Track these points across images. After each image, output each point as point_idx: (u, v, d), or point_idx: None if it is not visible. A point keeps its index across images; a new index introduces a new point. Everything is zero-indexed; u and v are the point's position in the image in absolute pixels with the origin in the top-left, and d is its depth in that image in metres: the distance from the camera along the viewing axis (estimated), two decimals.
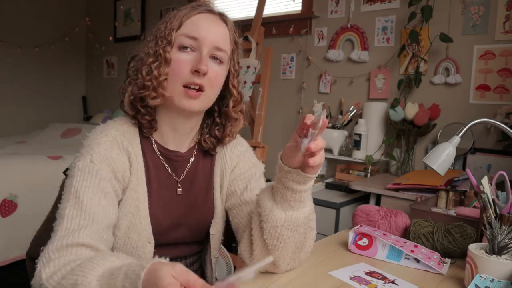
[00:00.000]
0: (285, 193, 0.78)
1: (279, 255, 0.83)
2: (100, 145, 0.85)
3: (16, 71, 4.06)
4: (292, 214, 0.80)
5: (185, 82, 0.86)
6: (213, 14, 0.91)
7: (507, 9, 2.12)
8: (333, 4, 2.74)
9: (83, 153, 0.85)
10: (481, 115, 2.09)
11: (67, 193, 0.81)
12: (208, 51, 0.87)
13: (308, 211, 0.83)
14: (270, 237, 0.81)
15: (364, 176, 2.40)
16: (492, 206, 0.97)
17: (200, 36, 0.86)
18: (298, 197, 0.79)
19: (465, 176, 1.88)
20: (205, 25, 0.88)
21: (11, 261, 2.39)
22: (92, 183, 0.81)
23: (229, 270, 1.57)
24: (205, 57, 0.86)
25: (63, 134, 3.58)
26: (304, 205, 0.81)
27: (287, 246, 0.82)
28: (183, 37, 0.86)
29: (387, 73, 2.51)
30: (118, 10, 4.21)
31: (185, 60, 0.86)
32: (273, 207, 0.80)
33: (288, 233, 0.81)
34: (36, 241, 1.05)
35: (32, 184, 2.48)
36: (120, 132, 0.89)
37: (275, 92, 2.93)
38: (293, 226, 0.80)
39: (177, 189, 0.95)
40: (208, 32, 0.87)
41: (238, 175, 0.99)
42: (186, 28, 0.87)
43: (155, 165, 0.93)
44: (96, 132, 0.88)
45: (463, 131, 1.18)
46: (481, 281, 0.80)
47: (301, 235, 0.83)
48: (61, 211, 0.79)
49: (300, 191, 0.78)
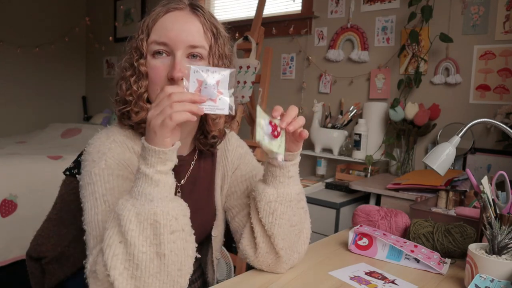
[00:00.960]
0: (272, 171, 0.83)
1: (277, 233, 0.84)
2: (112, 149, 0.83)
3: (16, 71, 4.06)
4: (283, 190, 0.84)
5: None
6: (181, 10, 0.85)
7: (507, 9, 2.12)
8: (333, 4, 2.74)
9: (95, 160, 0.82)
10: (481, 115, 2.09)
11: (91, 201, 0.79)
12: (183, 52, 0.82)
13: (299, 189, 0.87)
14: (265, 214, 0.84)
15: (364, 176, 2.40)
16: (492, 206, 0.97)
17: (170, 40, 0.81)
18: (285, 172, 0.83)
19: (465, 176, 1.88)
20: (174, 26, 0.82)
21: (11, 261, 2.39)
22: (116, 185, 0.80)
23: (229, 270, 1.57)
24: (180, 60, 0.81)
25: (63, 134, 3.58)
26: (294, 182, 0.85)
27: (283, 223, 0.84)
28: (154, 45, 0.82)
29: (387, 73, 2.51)
30: (118, 10, 4.21)
31: (161, 66, 0.82)
32: (265, 187, 0.85)
33: (282, 208, 0.84)
34: (36, 241, 1.05)
35: (32, 184, 2.48)
36: (126, 137, 0.87)
37: (275, 92, 2.93)
38: (286, 202, 0.84)
39: (176, 194, 0.92)
40: (179, 33, 0.82)
41: (239, 177, 1.00)
42: (155, 35, 0.83)
43: None
44: (102, 138, 0.86)
45: (463, 131, 1.18)
46: (481, 281, 0.80)
47: (295, 214, 0.86)
48: (91, 219, 0.77)
49: (286, 166, 0.83)
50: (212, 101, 0.69)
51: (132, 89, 0.84)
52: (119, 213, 0.68)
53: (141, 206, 0.67)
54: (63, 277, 1.01)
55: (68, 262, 1.01)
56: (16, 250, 2.39)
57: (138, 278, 0.68)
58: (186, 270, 0.72)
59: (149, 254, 0.67)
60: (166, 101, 0.66)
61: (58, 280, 1.01)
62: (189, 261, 0.73)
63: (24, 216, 2.41)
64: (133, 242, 0.67)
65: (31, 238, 1.07)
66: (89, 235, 0.76)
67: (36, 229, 1.07)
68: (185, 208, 0.73)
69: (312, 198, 2.11)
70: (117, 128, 0.89)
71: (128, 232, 0.66)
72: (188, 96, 0.66)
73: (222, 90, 0.69)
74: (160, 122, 0.66)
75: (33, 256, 1.04)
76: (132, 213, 0.67)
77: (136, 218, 0.67)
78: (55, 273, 1.01)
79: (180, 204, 0.72)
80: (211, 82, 0.68)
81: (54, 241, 1.02)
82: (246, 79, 2.45)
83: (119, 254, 0.67)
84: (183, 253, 0.71)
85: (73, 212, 0.97)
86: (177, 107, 0.65)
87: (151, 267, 0.68)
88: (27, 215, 2.41)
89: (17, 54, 4.01)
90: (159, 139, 0.67)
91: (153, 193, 0.67)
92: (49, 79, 4.31)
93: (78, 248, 0.93)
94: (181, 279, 0.71)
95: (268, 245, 0.87)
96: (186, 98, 0.66)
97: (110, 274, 0.67)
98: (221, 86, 0.69)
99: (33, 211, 2.40)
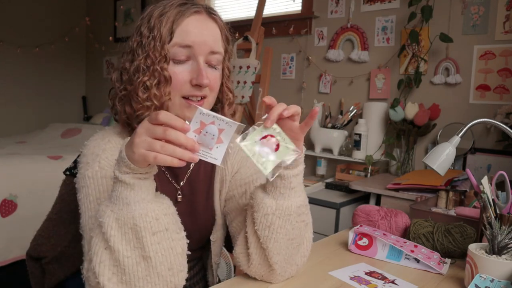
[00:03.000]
0: (274, 181, 0.77)
1: (272, 247, 0.79)
2: (106, 151, 0.82)
3: (16, 71, 4.06)
4: (283, 202, 0.78)
5: (185, 95, 0.82)
6: (201, 14, 0.83)
7: (507, 9, 2.12)
8: (333, 4, 2.74)
9: (88, 162, 0.81)
10: (481, 115, 2.09)
11: (85, 204, 0.78)
12: (204, 58, 0.81)
13: (301, 202, 0.80)
14: (261, 227, 0.79)
15: (364, 176, 2.40)
16: (492, 206, 0.97)
17: (194, 43, 0.80)
18: (287, 184, 0.77)
19: (465, 176, 1.88)
20: (196, 29, 0.81)
21: (11, 261, 2.38)
22: (109, 187, 0.78)
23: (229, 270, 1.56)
24: (203, 67, 0.80)
25: (63, 134, 3.58)
26: (296, 194, 0.79)
27: (279, 237, 0.79)
28: (176, 48, 0.80)
29: (387, 73, 2.51)
30: (118, 10, 4.21)
31: (182, 72, 0.80)
32: (264, 197, 0.79)
33: (279, 222, 0.78)
34: (36, 241, 1.05)
35: (32, 184, 2.47)
36: (122, 139, 0.86)
37: (275, 92, 2.93)
38: (284, 215, 0.78)
39: (177, 196, 0.92)
40: (201, 37, 0.80)
41: (239, 181, 0.96)
42: (178, 37, 0.80)
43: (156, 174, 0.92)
44: (97, 140, 0.85)
45: (463, 131, 1.18)
46: (481, 281, 0.80)
47: (294, 228, 0.80)
48: (86, 223, 0.77)
49: (288, 177, 0.77)
50: (208, 148, 0.64)
51: (152, 93, 0.79)
52: (100, 220, 0.67)
53: (119, 210, 0.66)
54: (63, 277, 1.01)
55: (68, 262, 1.01)
56: (16, 250, 2.39)
57: (128, 283, 0.67)
58: (177, 268, 0.70)
59: (134, 258, 0.66)
60: (158, 132, 0.61)
61: (58, 280, 1.01)
62: (180, 259, 0.71)
63: (24, 216, 2.41)
64: (116, 248, 0.66)
65: (31, 238, 1.07)
66: (84, 239, 0.76)
67: (36, 229, 1.07)
68: (167, 207, 0.70)
69: (312, 198, 2.11)
70: (114, 129, 0.88)
71: (110, 238, 0.66)
72: (183, 141, 0.61)
73: (224, 139, 0.64)
74: (143, 151, 0.62)
75: (33, 256, 1.04)
76: (112, 219, 0.66)
77: (116, 223, 0.66)
78: (55, 273, 1.01)
79: (161, 203, 0.70)
80: (212, 131, 0.63)
81: (54, 241, 1.02)
82: (246, 79, 2.45)
83: (106, 260, 0.67)
84: (171, 252, 0.69)
85: (73, 212, 0.96)
86: (166, 149, 0.60)
87: (138, 271, 0.67)
88: (27, 215, 2.41)
89: (17, 54, 4.01)
90: (137, 162, 0.63)
91: (129, 196, 0.66)
92: (49, 79, 4.31)
93: (78, 248, 0.93)
94: (174, 278, 0.70)
95: (261, 257, 0.82)
96: (180, 142, 0.61)
97: (99, 281, 0.66)
98: (223, 135, 0.64)
99: (33, 211, 2.40)
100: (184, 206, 0.93)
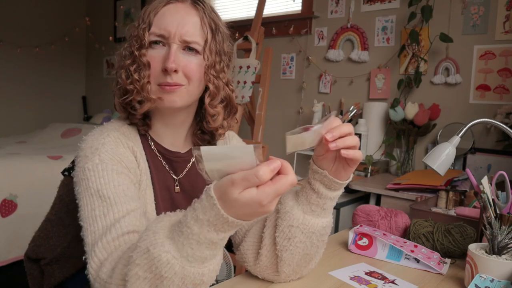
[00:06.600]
0: (310, 195, 0.76)
1: (286, 258, 0.79)
2: (105, 144, 0.82)
3: (16, 71, 4.06)
4: (310, 219, 0.77)
5: (158, 83, 0.83)
6: (183, 3, 0.86)
7: (507, 9, 2.11)
8: (333, 4, 2.74)
9: (87, 155, 0.81)
10: (481, 115, 2.09)
11: (86, 197, 0.77)
12: (179, 46, 0.83)
13: (327, 223, 0.79)
14: (282, 236, 0.78)
15: (364, 176, 2.39)
16: (492, 206, 0.97)
17: (166, 32, 0.82)
18: (321, 203, 0.76)
19: (465, 176, 1.88)
20: (172, 18, 0.83)
21: (11, 261, 2.38)
22: (110, 179, 0.78)
23: (229, 271, 1.56)
24: (174, 52, 0.82)
25: (63, 134, 3.58)
26: (325, 215, 0.78)
27: (296, 251, 0.78)
28: (153, 36, 0.83)
29: (387, 73, 2.51)
30: (118, 10, 4.21)
31: (156, 58, 0.83)
32: (294, 206, 0.77)
33: (301, 237, 0.77)
34: (34, 242, 1.04)
35: (32, 184, 2.47)
36: (120, 133, 0.87)
37: (275, 92, 2.93)
38: (308, 232, 0.77)
39: (174, 187, 0.93)
40: (176, 26, 0.83)
41: None
42: (154, 26, 0.84)
43: (155, 165, 0.92)
44: (95, 134, 0.85)
45: (463, 131, 1.18)
46: (481, 281, 0.80)
47: (313, 245, 0.80)
48: (88, 215, 0.75)
49: (325, 197, 0.75)
50: None
51: (133, 78, 0.83)
52: (160, 268, 0.58)
53: (191, 268, 0.59)
54: (62, 278, 1.00)
55: (67, 263, 1.00)
56: (16, 250, 2.38)
57: None
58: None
59: None
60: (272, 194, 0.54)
61: (57, 281, 1.01)
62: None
63: (24, 216, 2.41)
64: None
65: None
66: (86, 230, 0.75)
67: (36, 229, 1.07)
68: None
69: None
70: (112, 125, 0.89)
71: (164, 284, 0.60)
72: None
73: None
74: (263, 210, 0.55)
75: (32, 257, 1.03)
76: (179, 276, 0.59)
77: (181, 281, 0.59)
78: (54, 275, 1.00)
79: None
80: None
81: (53, 242, 1.01)
82: (246, 79, 2.45)
83: None
84: None
85: (72, 213, 0.96)
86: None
87: None
88: (27, 215, 2.41)
89: (17, 54, 4.01)
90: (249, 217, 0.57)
91: (209, 255, 0.59)
92: (49, 79, 4.31)
93: (77, 249, 0.93)
94: None
95: (271, 261, 0.81)
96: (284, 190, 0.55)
97: None
98: None
99: (33, 211, 2.40)
100: (183, 201, 0.94)
